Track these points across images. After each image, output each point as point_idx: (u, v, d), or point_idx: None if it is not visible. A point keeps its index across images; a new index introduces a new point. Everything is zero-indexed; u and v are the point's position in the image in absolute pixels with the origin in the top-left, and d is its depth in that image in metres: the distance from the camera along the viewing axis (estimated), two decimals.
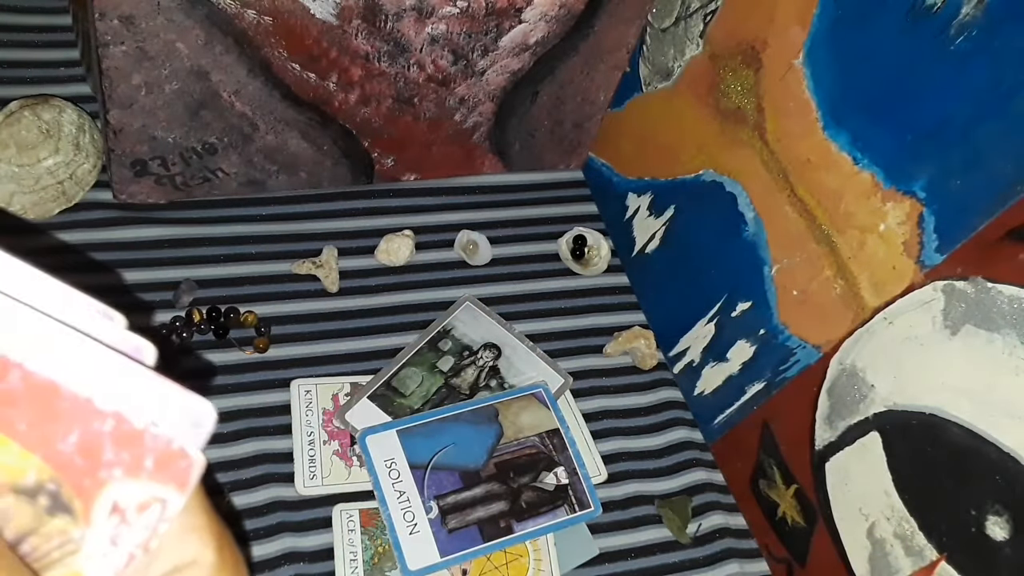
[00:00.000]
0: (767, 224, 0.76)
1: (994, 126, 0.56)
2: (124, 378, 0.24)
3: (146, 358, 0.25)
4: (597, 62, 0.89)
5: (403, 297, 0.87)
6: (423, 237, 0.90)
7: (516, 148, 0.96)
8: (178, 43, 0.72)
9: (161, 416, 0.24)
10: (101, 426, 0.24)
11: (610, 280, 0.94)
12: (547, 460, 0.78)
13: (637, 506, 0.80)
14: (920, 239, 0.62)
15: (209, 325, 0.79)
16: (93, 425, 0.24)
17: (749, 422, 0.81)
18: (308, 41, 0.75)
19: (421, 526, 0.72)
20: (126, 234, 0.82)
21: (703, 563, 0.79)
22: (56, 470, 0.24)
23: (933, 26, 0.59)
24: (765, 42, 0.73)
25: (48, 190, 0.79)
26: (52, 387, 0.24)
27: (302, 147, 0.85)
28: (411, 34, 0.78)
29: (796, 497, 0.76)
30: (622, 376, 0.88)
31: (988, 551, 0.59)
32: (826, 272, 0.70)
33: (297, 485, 0.74)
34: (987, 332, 0.58)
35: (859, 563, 0.70)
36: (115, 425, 0.24)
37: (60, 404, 0.24)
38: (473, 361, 0.82)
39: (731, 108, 0.78)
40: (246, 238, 0.86)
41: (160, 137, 0.79)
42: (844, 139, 0.67)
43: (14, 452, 0.24)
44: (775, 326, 0.76)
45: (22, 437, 0.24)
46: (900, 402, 0.65)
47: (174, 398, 0.25)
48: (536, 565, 0.74)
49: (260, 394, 0.78)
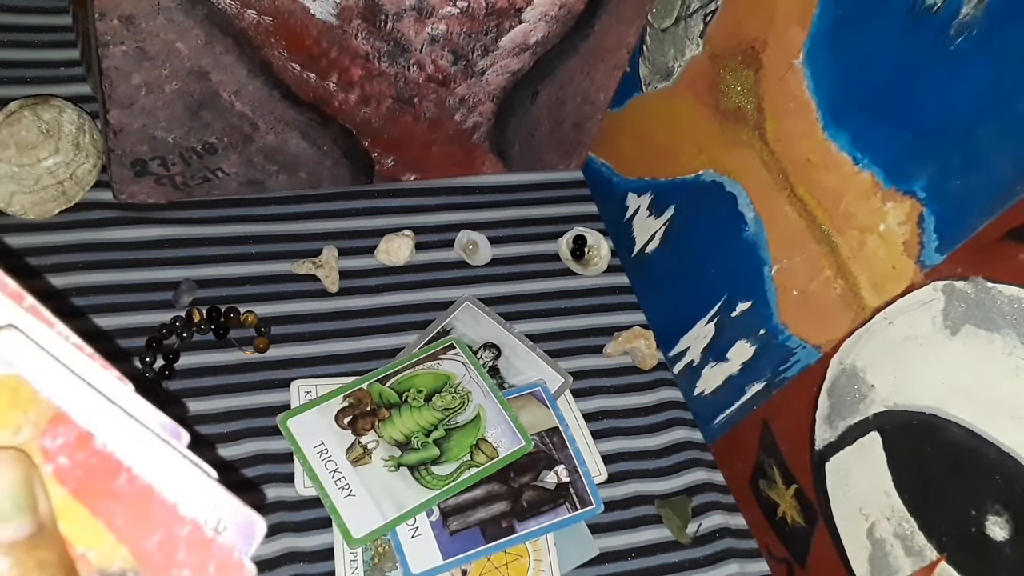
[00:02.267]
0: (767, 224, 0.76)
1: (994, 126, 0.56)
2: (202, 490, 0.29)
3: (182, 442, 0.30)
4: (597, 62, 0.89)
5: (403, 297, 0.87)
6: (423, 237, 0.91)
7: (516, 148, 0.96)
8: (178, 43, 0.72)
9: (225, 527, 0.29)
10: (180, 530, 0.28)
11: (610, 280, 0.94)
12: (547, 459, 0.78)
13: (637, 506, 0.80)
14: (920, 239, 0.62)
15: (209, 325, 0.79)
16: (174, 529, 0.28)
17: (749, 422, 0.81)
18: (308, 41, 0.75)
19: (423, 528, 0.72)
20: (126, 234, 0.82)
21: (703, 563, 0.79)
22: (138, 563, 0.28)
23: (933, 26, 0.59)
24: (765, 42, 0.73)
25: (48, 190, 0.79)
26: (149, 491, 0.28)
27: (302, 147, 0.85)
28: (411, 34, 0.78)
29: (796, 497, 0.76)
30: (622, 376, 0.88)
31: (988, 551, 0.59)
32: (826, 272, 0.70)
33: (297, 485, 0.74)
34: (987, 332, 0.58)
35: (859, 563, 0.70)
36: (191, 531, 0.28)
37: (152, 507, 0.28)
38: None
39: (731, 108, 0.78)
40: (246, 238, 0.86)
41: (160, 137, 0.79)
42: (844, 139, 0.67)
43: (108, 542, 0.28)
44: (775, 326, 0.76)
45: (118, 530, 0.28)
46: (900, 402, 0.65)
47: (238, 512, 0.29)
48: (536, 565, 0.74)
49: (260, 394, 0.78)
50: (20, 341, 0.28)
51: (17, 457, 0.27)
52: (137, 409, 0.29)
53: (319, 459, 0.73)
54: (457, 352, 0.81)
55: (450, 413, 0.77)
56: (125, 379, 0.30)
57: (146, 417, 0.29)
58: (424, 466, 0.74)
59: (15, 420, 0.27)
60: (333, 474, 0.73)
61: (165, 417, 0.30)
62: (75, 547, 0.28)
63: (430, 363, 0.80)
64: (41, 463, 0.27)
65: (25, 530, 0.26)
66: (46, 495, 0.27)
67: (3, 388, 0.27)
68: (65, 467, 0.28)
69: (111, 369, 0.29)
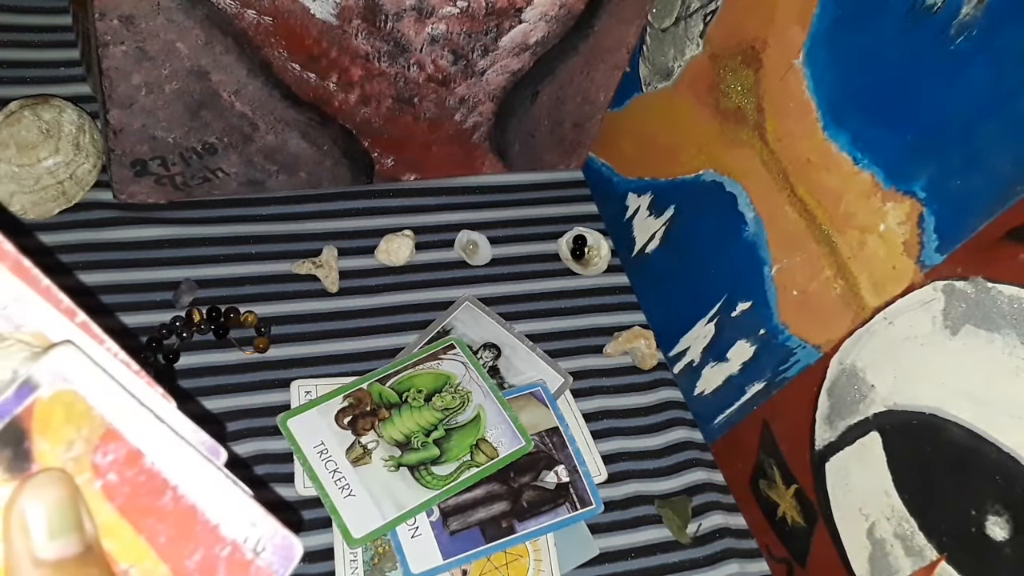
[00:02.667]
0: (767, 224, 0.76)
1: (994, 126, 0.56)
2: (242, 510, 0.29)
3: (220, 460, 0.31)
4: (597, 62, 0.89)
5: (403, 297, 0.87)
6: (423, 237, 0.91)
7: (516, 148, 0.96)
8: (178, 43, 0.72)
9: (264, 548, 0.29)
10: (221, 551, 0.29)
11: (610, 280, 0.94)
12: (547, 459, 0.78)
13: (637, 506, 0.80)
14: (920, 239, 0.62)
15: (209, 325, 0.79)
16: (215, 549, 0.29)
17: (749, 422, 0.81)
18: (308, 41, 0.75)
19: (423, 528, 0.72)
20: (126, 234, 0.82)
21: (703, 563, 0.79)
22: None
23: (933, 26, 0.59)
24: (765, 42, 0.73)
25: (48, 190, 0.79)
26: (193, 511, 0.29)
27: (302, 147, 0.85)
28: (411, 34, 0.78)
29: (796, 497, 0.76)
30: (622, 376, 0.88)
31: (988, 551, 0.59)
32: (826, 272, 0.70)
33: (297, 485, 0.74)
34: (987, 332, 0.58)
35: (859, 563, 0.70)
36: (231, 552, 0.29)
37: (195, 526, 0.29)
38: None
39: (731, 108, 0.78)
40: (246, 238, 0.86)
41: (160, 137, 0.79)
42: (844, 139, 0.67)
43: (151, 559, 0.28)
44: (775, 326, 0.76)
45: (160, 548, 0.28)
46: (900, 402, 0.65)
47: (278, 534, 0.29)
48: (536, 565, 0.74)
49: (260, 394, 0.78)
50: (77, 357, 0.28)
51: (64, 477, 0.27)
52: (180, 426, 0.30)
53: (319, 459, 0.73)
54: (457, 352, 0.81)
55: (450, 413, 0.77)
56: (169, 396, 0.30)
57: (187, 435, 0.30)
58: (424, 466, 0.74)
59: (68, 435, 0.28)
60: (333, 474, 0.73)
61: (205, 435, 0.30)
62: (119, 563, 0.28)
63: (430, 363, 0.80)
64: (91, 479, 0.28)
65: (73, 548, 0.27)
66: (90, 516, 0.28)
67: (58, 403, 0.27)
68: (113, 484, 0.28)
69: (156, 386, 0.30)
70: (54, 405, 0.27)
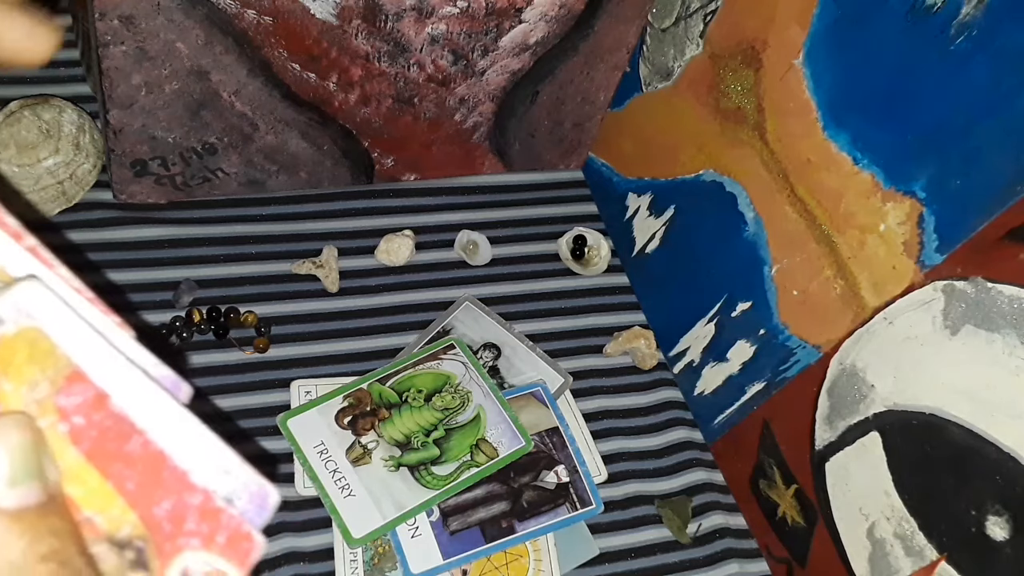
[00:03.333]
0: (767, 224, 0.76)
1: (994, 126, 0.56)
2: (216, 458, 0.28)
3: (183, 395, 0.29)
4: (597, 62, 0.89)
5: (403, 297, 0.87)
6: (423, 237, 0.91)
7: (516, 148, 0.96)
8: (178, 43, 0.72)
9: (238, 497, 0.28)
10: (191, 499, 0.27)
11: (610, 280, 0.94)
12: (547, 459, 0.78)
13: (637, 506, 0.80)
14: (920, 239, 0.62)
15: (209, 325, 0.79)
16: (185, 497, 0.27)
17: (749, 422, 0.81)
18: (308, 41, 0.75)
19: (423, 528, 0.72)
20: (126, 234, 0.82)
21: (703, 563, 0.79)
22: (147, 530, 0.27)
23: (933, 26, 0.59)
24: (765, 42, 0.73)
25: (48, 190, 0.79)
26: (161, 457, 0.27)
27: (302, 147, 0.85)
28: (411, 34, 0.78)
29: (796, 497, 0.76)
30: (622, 376, 0.88)
31: (988, 551, 0.59)
32: (826, 272, 0.70)
33: (297, 485, 0.74)
34: (987, 332, 0.58)
35: (859, 563, 0.70)
36: (202, 500, 0.27)
37: (164, 473, 0.27)
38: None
39: (731, 108, 0.78)
40: (246, 238, 0.86)
41: (160, 137, 0.79)
42: (844, 139, 0.67)
43: (119, 506, 0.27)
44: (775, 326, 0.76)
45: (128, 495, 0.27)
46: (900, 402, 0.65)
47: (251, 483, 0.28)
48: (536, 565, 0.74)
49: (260, 394, 0.78)
50: (41, 292, 0.26)
51: (25, 421, 0.26)
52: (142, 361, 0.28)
53: (319, 459, 0.73)
54: (457, 352, 0.81)
55: (450, 413, 0.77)
56: (126, 326, 0.28)
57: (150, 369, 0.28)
58: (424, 466, 0.74)
59: (32, 375, 0.26)
60: (333, 474, 0.73)
61: (167, 369, 0.29)
62: (82, 510, 0.27)
63: (430, 363, 0.80)
64: (55, 422, 0.26)
65: (34, 496, 0.25)
66: (54, 462, 0.26)
67: (22, 341, 0.26)
68: (80, 427, 0.26)
69: (112, 314, 0.28)
70: (17, 343, 0.26)
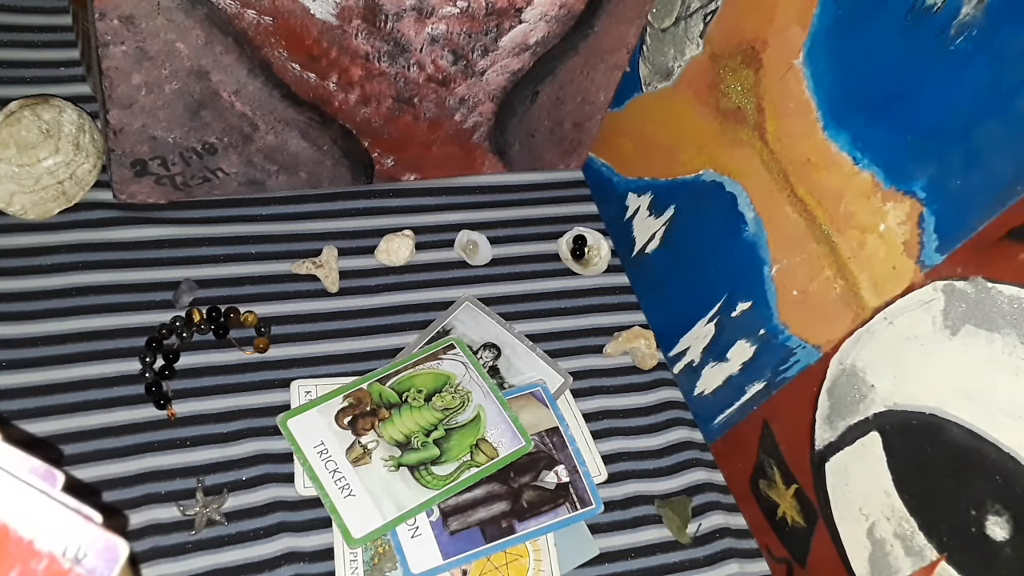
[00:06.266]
0: (767, 224, 0.76)
1: (994, 126, 0.56)
2: (59, 523, 0.30)
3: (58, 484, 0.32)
4: (597, 62, 0.89)
5: (403, 297, 0.87)
6: (423, 237, 0.91)
7: (516, 148, 0.96)
8: (178, 43, 0.72)
9: (85, 554, 0.30)
10: (37, 565, 0.29)
11: (610, 280, 0.94)
12: (547, 459, 0.78)
13: (637, 506, 0.80)
14: (920, 239, 0.62)
15: (209, 325, 0.79)
16: (31, 564, 0.29)
17: (749, 422, 0.81)
18: (308, 41, 0.75)
19: (423, 528, 0.72)
20: (126, 234, 0.82)
21: (703, 563, 0.79)
22: None
23: (933, 26, 0.59)
24: (765, 42, 0.73)
25: (48, 190, 0.79)
26: (4, 530, 0.29)
27: (302, 147, 0.85)
28: (411, 34, 0.78)
29: (796, 497, 0.76)
30: (622, 376, 0.88)
31: (988, 551, 0.59)
32: (826, 272, 0.70)
33: (297, 485, 0.74)
34: (987, 332, 0.58)
35: (859, 563, 0.70)
36: (48, 564, 0.29)
37: (8, 544, 0.29)
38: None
39: (731, 108, 0.78)
40: (246, 238, 0.86)
41: (160, 137, 0.79)
42: (844, 139, 0.67)
43: None
44: (775, 326, 0.76)
45: None
46: (900, 402, 0.65)
47: (99, 539, 0.30)
48: (536, 565, 0.74)
49: (260, 394, 0.78)
50: None
51: None
52: (4, 456, 0.30)
53: (319, 459, 0.73)
54: (457, 352, 0.81)
55: (450, 413, 0.77)
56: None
57: (13, 463, 0.30)
58: (424, 466, 0.74)
59: None
60: (333, 474, 0.73)
61: (37, 461, 0.31)
62: None
63: (430, 363, 0.80)
64: None
65: None
66: None
67: None
68: None
69: None
70: None
